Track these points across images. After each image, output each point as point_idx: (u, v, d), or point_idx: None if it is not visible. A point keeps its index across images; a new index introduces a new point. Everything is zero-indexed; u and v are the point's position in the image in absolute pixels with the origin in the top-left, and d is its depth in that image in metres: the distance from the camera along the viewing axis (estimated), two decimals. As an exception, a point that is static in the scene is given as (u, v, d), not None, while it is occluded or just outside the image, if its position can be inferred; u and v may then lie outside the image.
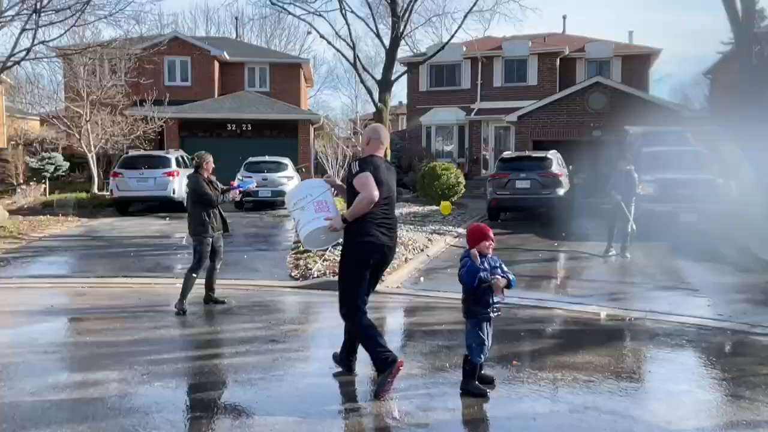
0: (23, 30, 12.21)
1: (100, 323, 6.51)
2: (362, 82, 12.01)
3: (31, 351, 5.36)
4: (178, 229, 13.99)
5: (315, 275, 9.14)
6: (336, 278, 5.06)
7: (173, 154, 17.39)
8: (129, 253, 10.95)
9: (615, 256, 10.86)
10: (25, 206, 17.32)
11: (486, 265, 4.38)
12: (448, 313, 7.14)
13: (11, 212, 15.99)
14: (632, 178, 11.04)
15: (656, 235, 12.05)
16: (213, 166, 7.47)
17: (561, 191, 15.32)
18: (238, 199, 7.47)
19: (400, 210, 17.08)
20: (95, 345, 5.58)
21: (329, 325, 6.64)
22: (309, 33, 45.36)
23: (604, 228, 11.56)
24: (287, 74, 28.84)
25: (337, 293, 4.83)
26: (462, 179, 19.14)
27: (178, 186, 16.66)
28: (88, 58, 17.79)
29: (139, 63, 22.85)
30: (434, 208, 18.02)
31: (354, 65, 11.26)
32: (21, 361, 5.10)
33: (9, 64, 12.50)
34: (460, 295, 8.01)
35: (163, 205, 17.22)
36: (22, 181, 21.30)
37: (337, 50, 11.76)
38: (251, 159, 18.39)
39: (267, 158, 18.50)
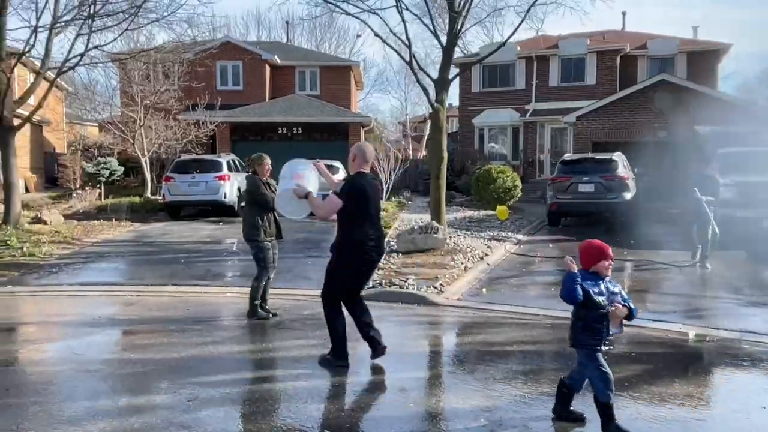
0: (78, 35, 12.26)
1: (147, 337, 6.17)
2: (418, 81, 11.44)
3: (73, 368, 5.04)
4: (229, 234, 13.78)
5: (370, 284, 8.62)
6: (390, 288, 6.54)
7: (224, 158, 17.28)
8: (179, 259, 10.73)
9: (694, 265, 9.92)
10: (81, 211, 17.54)
11: (603, 288, 3.72)
12: (518, 331, 6.50)
13: (67, 216, 16.18)
14: (715, 181, 10.11)
15: (736, 244, 11.00)
16: (271, 168, 7.13)
17: (627, 195, 14.36)
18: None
19: (454, 215, 16.44)
20: (140, 363, 5.21)
21: (390, 343, 6.11)
22: (359, 36, 45.19)
23: (676, 235, 10.65)
24: (337, 77, 28.61)
25: (395, 305, 6.19)
26: (519, 182, 18.34)
27: (230, 190, 16.53)
28: (142, 63, 17.95)
29: (192, 68, 23.03)
30: (490, 212, 17.28)
31: (410, 64, 10.73)
32: (62, 381, 4.77)
33: (64, 69, 12.57)
34: (530, 310, 7.36)
35: (214, 209, 17.13)
36: (78, 186, 21.73)
37: (393, 48, 11.24)
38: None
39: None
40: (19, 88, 16.48)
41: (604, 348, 3.74)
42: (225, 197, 16.39)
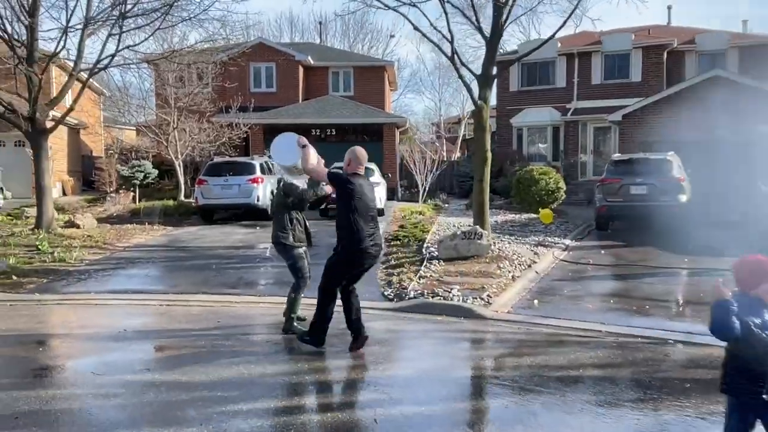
0: (109, 35, 12.01)
1: (173, 355, 5.68)
2: (460, 77, 10.81)
3: (90, 393, 4.56)
4: (262, 238, 13.33)
5: (411, 295, 8.01)
6: (433, 299, 7.09)
7: (258, 160, 16.90)
8: (210, 265, 10.30)
9: None
10: (115, 214, 17.38)
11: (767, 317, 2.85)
12: (581, 351, 5.79)
13: (101, 220, 16.01)
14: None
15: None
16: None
17: (683, 198, 13.42)
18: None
19: (495, 218, 15.69)
20: (164, 387, 4.70)
21: (439, 365, 5.50)
22: (392, 36, 44.60)
23: (738, 240, 9.74)
24: (371, 77, 28.08)
25: (438, 318, 6.26)
26: (562, 184, 17.48)
27: (263, 193, 16.12)
28: (175, 64, 17.71)
29: (225, 69, 22.80)
30: (532, 216, 16.47)
31: (452, 59, 10.12)
32: (75, 409, 4.29)
33: (96, 69, 12.34)
34: (590, 325, 6.61)
35: (248, 213, 16.74)
36: (113, 189, 21.69)
37: (433, 43, 10.59)
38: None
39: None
40: (57, 90, 16.35)
41: (765, 397, 2.83)
42: (258, 200, 15.99)
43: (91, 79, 27.37)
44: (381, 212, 17.01)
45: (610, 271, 9.79)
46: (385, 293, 8.32)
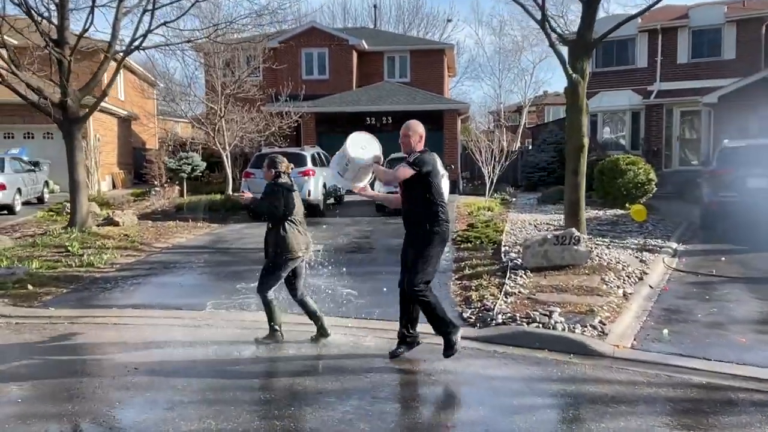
0: (144, 11, 10.77)
1: (199, 416, 4.17)
2: (551, 46, 8.96)
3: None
4: (312, 239, 11.83)
5: (499, 320, 6.27)
6: (529, 326, 5.89)
7: (309, 151, 15.46)
8: (254, 272, 8.80)
9: None
10: (159, 209, 16.32)
11: None
12: (774, 425, 3.93)
13: (144, 216, 14.94)
14: None
15: None
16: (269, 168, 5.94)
17: (814, 192, 11.06)
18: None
19: (576, 215, 13.68)
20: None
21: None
22: (449, 20, 42.48)
23: None
24: (429, 62, 26.28)
25: (538, 354, 5.24)
26: (653, 175, 15.27)
27: (314, 187, 14.68)
28: (222, 48, 16.52)
29: (276, 56, 21.54)
30: (619, 212, 14.39)
31: (542, 25, 8.27)
32: None
33: (131, 49, 11.14)
34: (759, 371, 4.78)
35: (298, 209, 15.30)
36: (162, 182, 20.78)
37: (522, 6, 8.79)
38: (394, 155, 15.89)
39: (401, 154, 15.91)
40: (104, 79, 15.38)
41: None
42: (309, 195, 14.53)
43: (142, 69, 26.93)
44: (444, 207, 15.27)
45: (745, 286, 7.74)
46: (464, 315, 6.61)
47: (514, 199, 18.34)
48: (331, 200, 16.66)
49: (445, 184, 15.09)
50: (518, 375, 4.96)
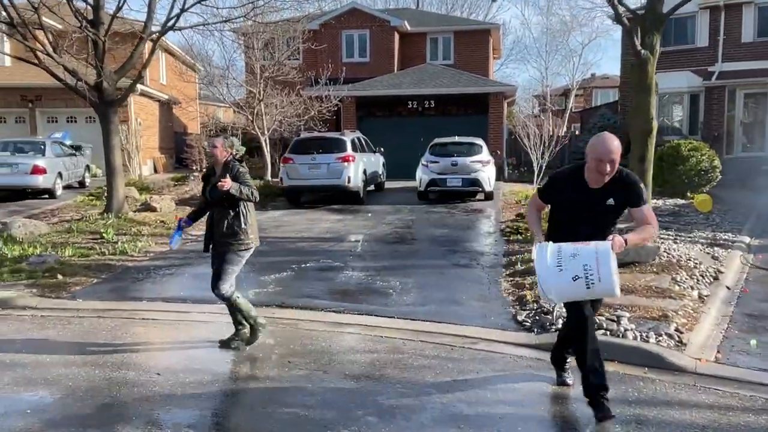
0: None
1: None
2: (617, 20, 8.13)
3: None
4: (352, 228, 11.35)
5: (559, 325, 5.60)
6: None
7: (349, 136, 14.90)
8: (290, 264, 8.38)
9: None
10: (197, 195, 16.04)
11: None
12: None
13: (182, 202, 14.71)
14: None
15: None
16: (209, 151, 5.45)
17: None
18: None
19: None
20: None
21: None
22: (494, 0, 41.08)
23: None
24: (473, 43, 25.29)
25: (610, 368, 4.11)
26: (717, 162, 14.18)
27: (354, 173, 14.14)
28: (261, 29, 16.06)
29: (316, 38, 20.99)
30: (680, 201, 13.41)
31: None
32: None
33: (166, 28, 10.76)
34: None
35: (337, 196, 14.86)
36: (203, 167, 20.61)
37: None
38: (438, 140, 15.26)
39: (457, 139, 15.22)
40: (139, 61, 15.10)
41: None
42: (349, 182, 14.01)
43: (183, 53, 26.80)
44: (490, 196, 14.54)
45: (839, 289, 6.85)
46: (519, 317, 5.96)
47: (563, 187, 17.42)
48: (371, 187, 16.12)
49: (491, 171, 14.39)
50: (577, 393, 4.30)
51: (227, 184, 4.83)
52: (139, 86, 17.74)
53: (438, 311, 6.24)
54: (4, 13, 10.36)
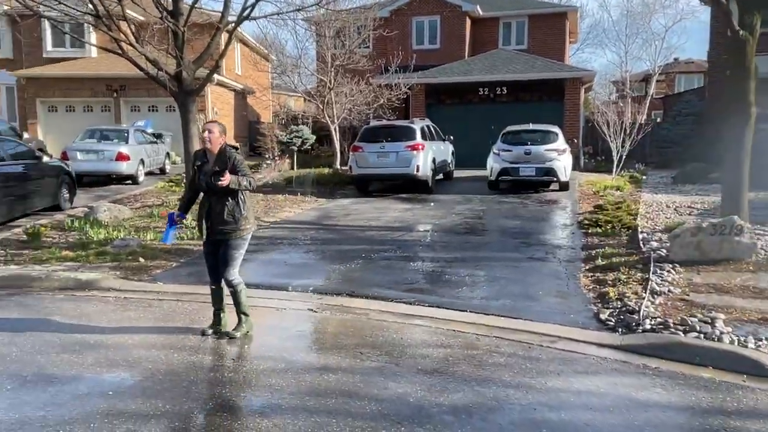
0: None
1: (294, 420, 3.65)
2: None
3: None
4: (421, 217, 11.19)
5: (647, 326, 5.25)
6: (686, 335, 4.45)
7: (418, 124, 14.71)
8: (359, 252, 8.34)
9: None
10: (270, 182, 16.37)
11: None
12: None
13: (255, 189, 15.00)
14: None
15: None
16: (203, 135, 5.06)
17: None
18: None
19: (715, 197, 11.91)
20: None
21: None
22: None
23: None
24: (549, 27, 24.42)
25: (704, 373, 4.08)
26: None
27: (423, 162, 13.95)
28: (333, 17, 16.07)
29: (386, 25, 20.86)
30: (776, 195, 12.37)
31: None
32: None
33: (242, 18, 10.90)
34: None
35: (406, 184, 14.74)
36: (273, 156, 21.00)
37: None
38: (510, 128, 14.81)
39: (531, 126, 14.72)
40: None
41: None
42: (417, 170, 13.84)
43: (257, 43, 27.38)
44: (565, 186, 13.99)
45: None
46: (602, 316, 5.63)
47: (644, 177, 16.56)
48: (440, 176, 15.89)
49: (567, 160, 13.82)
50: (681, 403, 3.98)
51: (226, 179, 4.77)
52: (215, 76, 18.22)
53: (513, 306, 6.00)
54: (90, 6, 10.80)
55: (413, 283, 6.92)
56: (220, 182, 4.77)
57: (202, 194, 5.21)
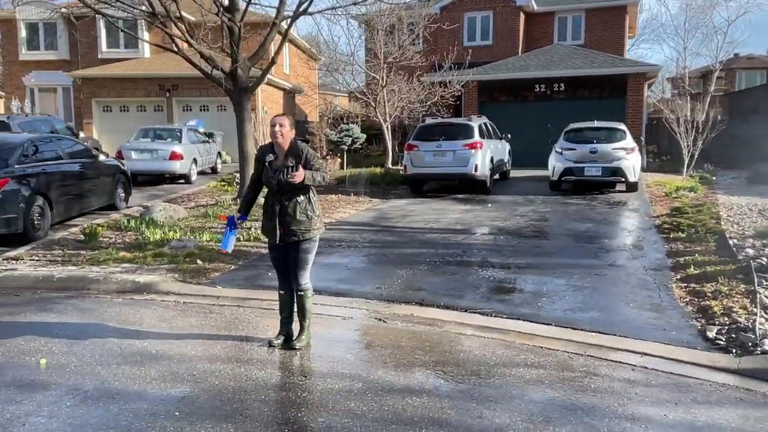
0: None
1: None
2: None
3: None
4: (483, 219, 10.66)
5: (766, 346, 4.61)
6: None
7: (476, 122, 14.14)
8: (423, 257, 7.88)
9: None
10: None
11: None
12: None
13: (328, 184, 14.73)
14: None
15: None
16: (274, 130, 4.58)
17: None
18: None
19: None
20: None
21: None
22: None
23: None
24: (607, 21, 23.43)
25: None
26: None
27: (481, 161, 13.39)
28: (387, 12, 15.68)
29: (437, 21, 20.33)
30: None
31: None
32: None
33: (298, 13, 10.61)
34: None
35: (462, 185, 14.21)
36: (325, 155, 20.77)
37: None
38: (574, 125, 14.09)
39: (596, 123, 13.96)
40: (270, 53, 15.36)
41: None
42: (476, 170, 13.28)
43: (305, 43, 27.26)
44: (633, 187, 13.20)
45: None
46: (708, 334, 5.01)
47: (713, 178, 15.56)
48: (496, 176, 15.29)
49: (635, 160, 13.00)
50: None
51: (300, 175, 4.40)
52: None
53: (603, 320, 5.43)
54: (144, 6, 10.72)
55: (486, 291, 6.41)
56: (292, 178, 4.40)
57: (266, 193, 4.85)
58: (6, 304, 6.11)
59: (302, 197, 4.62)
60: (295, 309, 4.90)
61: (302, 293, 4.77)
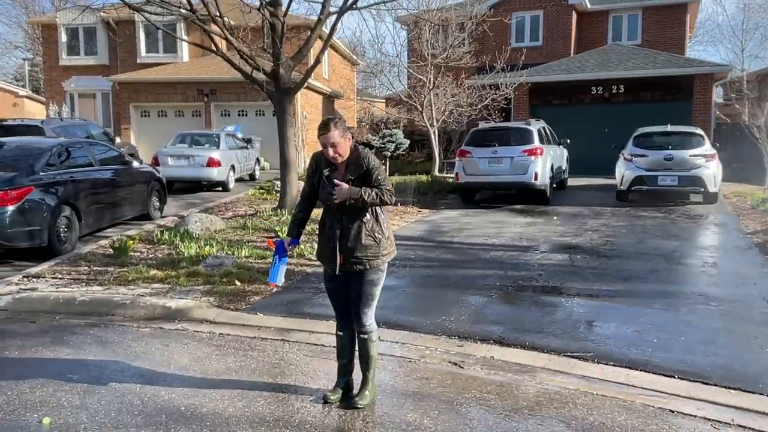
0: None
1: None
2: None
3: None
4: (549, 234, 9.55)
5: None
6: None
7: (535, 126, 13.02)
8: (490, 279, 6.84)
9: None
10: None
11: None
12: None
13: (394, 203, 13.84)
14: None
15: None
16: (330, 154, 3.63)
17: None
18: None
19: None
20: None
21: None
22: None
23: None
24: (666, 20, 22.00)
25: None
26: None
27: (542, 169, 12.27)
28: (435, 11, 14.73)
29: (485, 22, 19.28)
30: None
31: None
32: None
33: (344, 9, 9.76)
34: None
35: (517, 194, 13.10)
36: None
37: None
38: (644, 130, 12.83)
39: (669, 128, 12.69)
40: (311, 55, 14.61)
41: None
42: (536, 179, 12.16)
43: (345, 48, 26.51)
44: (712, 198, 11.87)
45: None
46: None
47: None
48: (554, 184, 14.14)
49: (714, 167, 11.69)
50: None
51: (341, 193, 3.54)
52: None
53: (739, 373, 4.31)
54: (185, 4, 10.04)
55: (576, 325, 5.34)
56: (334, 198, 3.50)
57: (322, 211, 3.89)
58: (18, 333, 5.32)
59: (368, 216, 3.66)
60: (356, 354, 3.94)
61: (366, 336, 3.80)
